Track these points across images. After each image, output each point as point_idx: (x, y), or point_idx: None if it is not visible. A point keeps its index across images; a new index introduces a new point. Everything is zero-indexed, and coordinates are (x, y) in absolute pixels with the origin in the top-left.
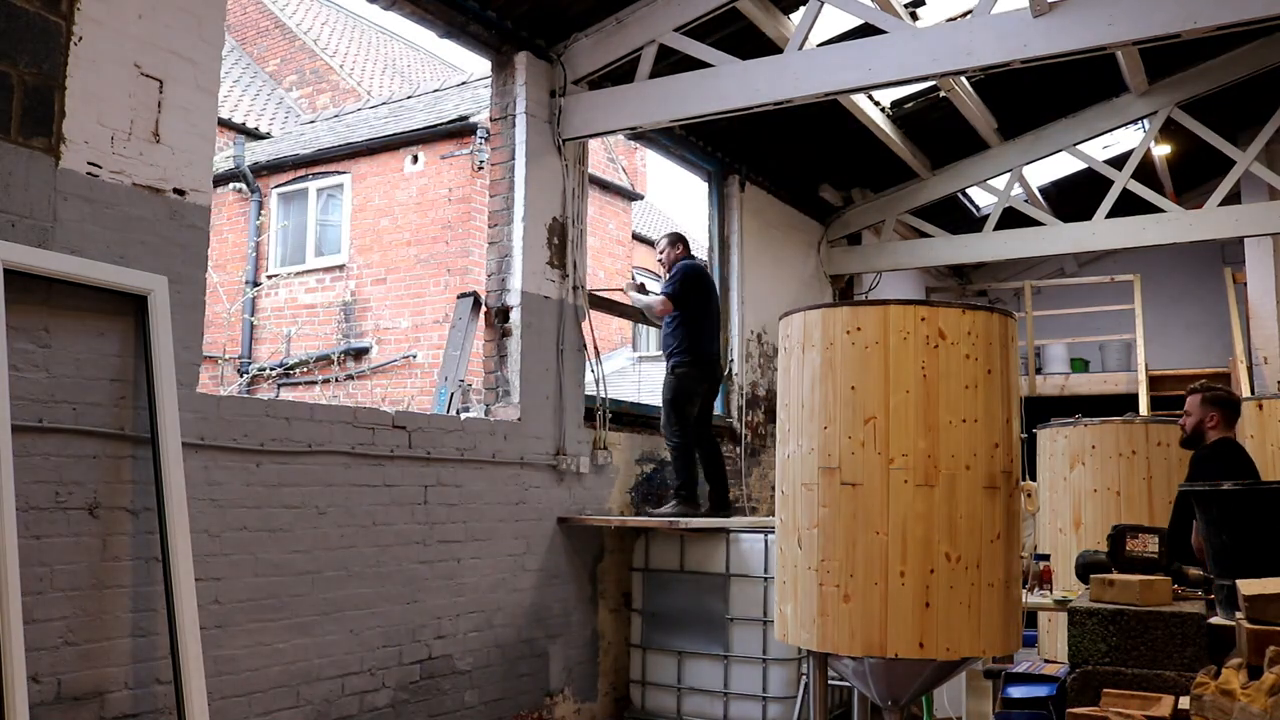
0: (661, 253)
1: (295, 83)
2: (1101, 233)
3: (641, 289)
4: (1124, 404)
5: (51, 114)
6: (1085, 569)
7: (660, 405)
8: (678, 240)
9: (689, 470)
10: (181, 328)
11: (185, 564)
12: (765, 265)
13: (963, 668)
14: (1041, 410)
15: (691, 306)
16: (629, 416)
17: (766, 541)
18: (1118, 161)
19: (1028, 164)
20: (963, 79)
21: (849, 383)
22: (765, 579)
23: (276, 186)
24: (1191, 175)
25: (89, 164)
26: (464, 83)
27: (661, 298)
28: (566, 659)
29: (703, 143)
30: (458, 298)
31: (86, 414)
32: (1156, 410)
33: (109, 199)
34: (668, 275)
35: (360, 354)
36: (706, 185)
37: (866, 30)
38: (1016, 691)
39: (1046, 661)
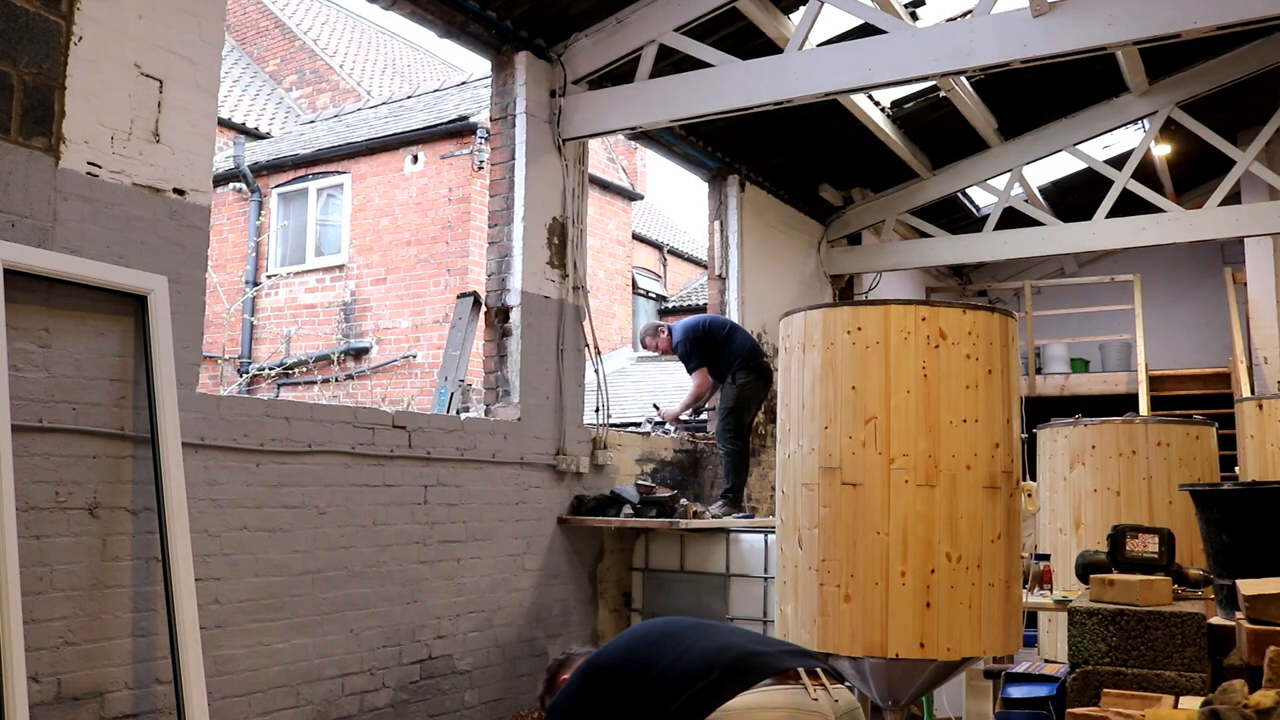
0: (653, 348)
1: (295, 83)
2: (1101, 233)
3: (659, 414)
4: (1124, 404)
5: (51, 114)
6: (1085, 569)
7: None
8: (654, 330)
9: (740, 474)
10: (181, 328)
11: (185, 564)
12: (765, 265)
13: (963, 668)
14: (1041, 410)
15: (712, 338)
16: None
17: (766, 541)
18: (1118, 161)
19: (1028, 164)
20: (963, 79)
21: (849, 383)
22: (765, 579)
23: (276, 186)
24: (1191, 175)
25: (89, 164)
26: (464, 83)
27: (693, 376)
28: None
29: (703, 142)
30: (458, 298)
31: (86, 414)
32: (1156, 410)
33: (109, 199)
34: (674, 353)
35: (360, 354)
36: (706, 185)
37: (866, 30)
38: (1016, 691)
39: (1046, 661)
